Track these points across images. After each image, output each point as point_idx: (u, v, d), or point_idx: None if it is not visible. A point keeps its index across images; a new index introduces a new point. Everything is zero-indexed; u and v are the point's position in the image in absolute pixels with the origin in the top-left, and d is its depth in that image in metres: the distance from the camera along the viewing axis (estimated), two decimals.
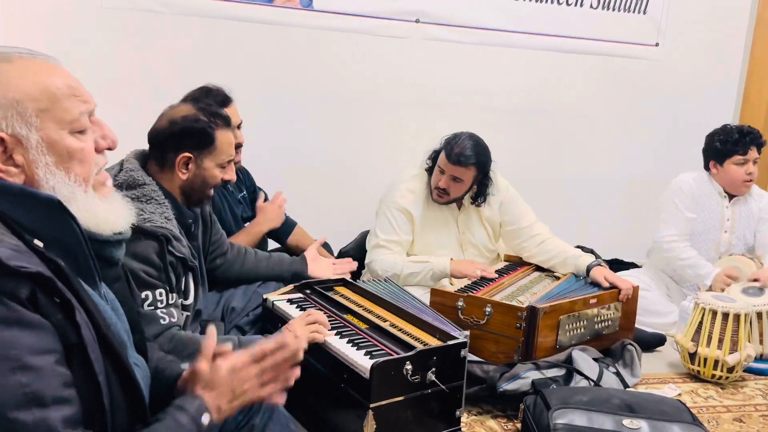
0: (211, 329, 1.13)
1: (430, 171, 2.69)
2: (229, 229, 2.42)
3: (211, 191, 1.84)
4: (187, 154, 1.74)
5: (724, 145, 2.94)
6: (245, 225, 2.56)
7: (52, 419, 0.81)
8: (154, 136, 1.78)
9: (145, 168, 1.76)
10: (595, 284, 2.51)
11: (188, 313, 1.77)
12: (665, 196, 3.06)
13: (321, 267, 2.34)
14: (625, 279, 2.54)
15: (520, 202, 2.79)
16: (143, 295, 1.60)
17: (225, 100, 2.33)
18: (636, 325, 2.78)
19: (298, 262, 2.32)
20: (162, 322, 1.61)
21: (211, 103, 1.89)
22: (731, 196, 3.02)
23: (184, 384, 1.12)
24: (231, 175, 1.86)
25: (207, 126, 1.75)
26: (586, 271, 2.56)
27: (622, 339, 2.50)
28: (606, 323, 2.44)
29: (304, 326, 1.76)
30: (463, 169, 2.55)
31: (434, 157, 2.67)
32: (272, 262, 2.28)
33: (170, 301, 1.65)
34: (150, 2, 2.95)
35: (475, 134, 2.63)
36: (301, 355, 1.13)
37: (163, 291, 1.63)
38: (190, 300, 1.78)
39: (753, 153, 2.93)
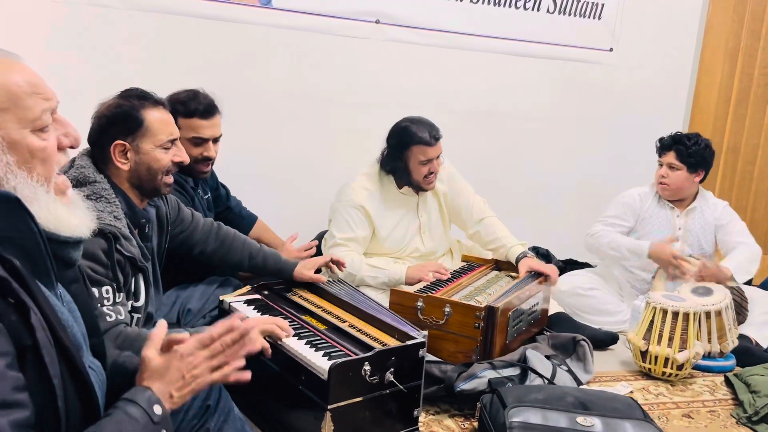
0: (161, 321, 1.13)
1: (393, 171, 2.71)
2: None
3: (164, 179, 1.77)
4: (119, 142, 1.70)
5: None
6: None
7: (1, 423, 0.78)
8: (89, 137, 1.75)
9: (99, 166, 1.73)
10: (536, 274, 2.64)
11: (139, 315, 1.73)
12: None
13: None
14: (548, 265, 2.69)
15: (460, 179, 2.89)
16: None
17: (208, 109, 2.28)
18: (587, 324, 2.86)
19: (290, 263, 2.21)
20: (108, 319, 1.57)
21: (137, 89, 1.83)
22: (683, 207, 3.10)
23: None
24: (182, 155, 1.80)
25: (130, 109, 1.72)
26: (516, 263, 2.70)
27: (544, 326, 2.67)
28: (534, 312, 2.56)
29: (262, 318, 1.75)
30: (440, 143, 2.64)
31: (389, 158, 2.69)
32: (266, 251, 2.19)
33: (117, 300, 1.61)
34: None
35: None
36: (254, 338, 1.11)
37: (109, 288, 1.59)
38: (141, 302, 1.74)
39: (667, 157, 3.03)
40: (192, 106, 2.24)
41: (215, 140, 2.34)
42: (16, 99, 0.93)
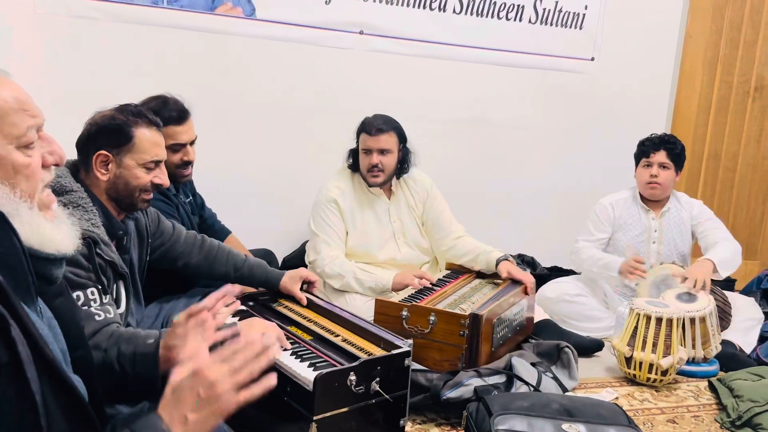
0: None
1: (354, 166, 2.81)
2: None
3: (142, 196, 1.78)
4: (103, 152, 1.72)
5: (638, 149, 3.15)
6: None
7: None
8: (77, 141, 1.76)
9: (77, 176, 1.73)
10: (515, 282, 2.65)
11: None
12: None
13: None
14: (526, 273, 2.70)
15: (441, 199, 2.94)
16: (74, 295, 1.54)
17: (182, 114, 2.30)
18: (573, 331, 2.87)
19: (276, 273, 2.20)
20: (97, 318, 1.54)
21: (137, 105, 1.84)
22: (658, 209, 3.13)
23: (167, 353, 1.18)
24: (162, 179, 1.81)
25: (123, 123, 1.73)
26: (495, 265, 2.70)
27: (529, 334, 2.68)
28: (518, 318, 2.57)
29: (268, 326, 1.76)
30: (386, 136, 2.71)
31: (353, 155, 2.82)
32: (251, 261, 2.18)
33: (104, 300, 1.60)
34: (86, 8, 2.86)
35: None
36: (272, 354, 0.97)
37: (95, 290, 1.58)
38: (122, 309, 1.72)
39: (658, 156, 3.05)
40: (165, 114, 2.23)
41: (191, 143, 2.37)
42: (2, 115, 0.93)
